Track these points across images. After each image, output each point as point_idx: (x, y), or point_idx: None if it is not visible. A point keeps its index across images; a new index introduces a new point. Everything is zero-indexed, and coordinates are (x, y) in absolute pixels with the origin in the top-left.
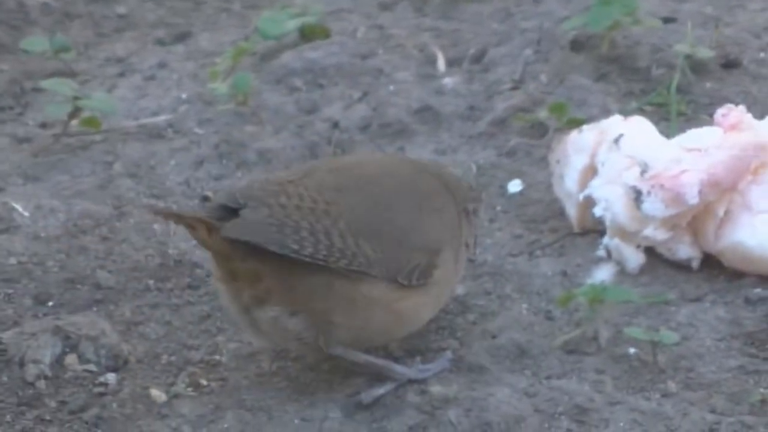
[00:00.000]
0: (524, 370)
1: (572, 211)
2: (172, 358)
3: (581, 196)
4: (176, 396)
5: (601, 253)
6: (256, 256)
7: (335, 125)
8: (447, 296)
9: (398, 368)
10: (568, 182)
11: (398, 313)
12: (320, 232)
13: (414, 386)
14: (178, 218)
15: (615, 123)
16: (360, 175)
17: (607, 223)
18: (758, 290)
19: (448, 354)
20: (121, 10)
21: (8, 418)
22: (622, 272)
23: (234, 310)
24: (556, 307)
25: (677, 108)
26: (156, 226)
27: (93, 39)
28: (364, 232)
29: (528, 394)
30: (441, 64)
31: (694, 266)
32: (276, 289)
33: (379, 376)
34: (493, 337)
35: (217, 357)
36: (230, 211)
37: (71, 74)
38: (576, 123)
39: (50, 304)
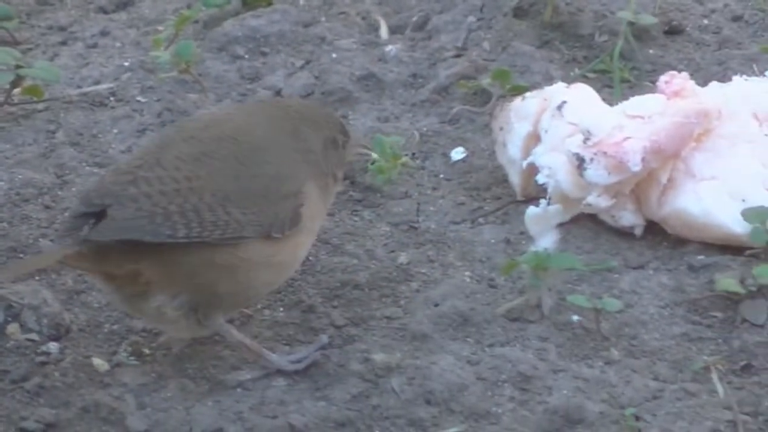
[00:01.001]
0: (467, 338)
1: (515, 179)
2: (115, 327)
3: (524, 164)
4: (118, 365)
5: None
6: (130, 256)
7: (278, 93)
8: (317, 229)
9: (271, 356)
10: (512, 149)
11: (279, 264)
12: (190, 211)
13: (357, 355)
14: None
15: (558, 90)
16: (215, 137)
17: (550, 190)
18: (701, 257)
19: (324, 338)
20: None
21: None
22: (565, 240)
23: (117, 301)
24: (499, 275)
25: (620, 75)
26: None
27: (35, 7)
28: (230, 198)
29: (471, 362)
30: (384, 31)
31: (638, 233)
32: (156, 281)
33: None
34: (436, 305)
35: None
36: (92, 216)
37: (13, 43)
38: (519, 90)
39: None
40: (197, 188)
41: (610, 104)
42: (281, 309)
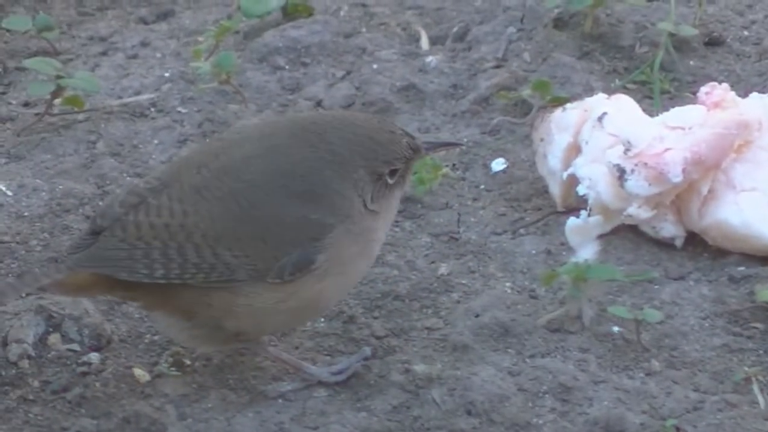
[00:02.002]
0: (508, 349)
1: (556, 190)
2: (155, 337)
3: (565, 175)
4: (159, 375)
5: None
6: (121, 283)
7: (318, 104)
8: (359, 270)
9: (311, 369)
10: (552, 160)
11: (290, 311)
12: (172, 250)
13: (398, 365)
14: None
15: (598, 101)
16: (222, 168)
17: (591, 201)
18: (742, 268)
19: (367, 351)
20: None
21: None
22: (606, 251)
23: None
24: (539, 286)
25: (661, 86)
26: None
27: (76, 18)
28: (223, 239)
29: (512, 373)
30: (424, 42)
31: (678, 244)
32: (156, 307)
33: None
34: (477, 315)
35: None
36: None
37: (54, 53)
38: (559, 101)
39: None
40: (188, 226)
41: (651, 115)
42: (322, 320)
